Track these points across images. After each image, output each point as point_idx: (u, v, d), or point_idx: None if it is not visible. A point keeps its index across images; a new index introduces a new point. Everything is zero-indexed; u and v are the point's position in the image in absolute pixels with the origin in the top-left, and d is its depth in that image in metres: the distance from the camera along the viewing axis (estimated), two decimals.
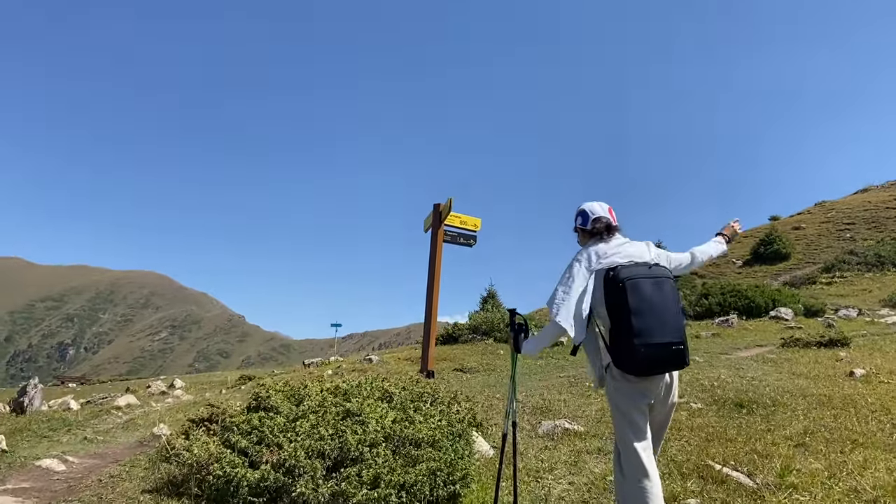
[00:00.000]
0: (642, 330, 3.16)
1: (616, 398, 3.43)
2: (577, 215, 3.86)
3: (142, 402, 13.16)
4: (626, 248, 3.57)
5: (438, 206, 12.59)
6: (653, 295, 3.25)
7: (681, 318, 3.35)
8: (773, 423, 6.53)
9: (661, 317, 3.22)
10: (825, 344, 13.01)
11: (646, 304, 3.21)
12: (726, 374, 9.50)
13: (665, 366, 3.30)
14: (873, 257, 33.66)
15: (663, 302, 3.28)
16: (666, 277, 3.41)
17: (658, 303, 3.25)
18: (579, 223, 3.82)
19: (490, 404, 7.66)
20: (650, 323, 3.18)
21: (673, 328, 3.26)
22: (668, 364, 3.30)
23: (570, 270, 3.51)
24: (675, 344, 3.24)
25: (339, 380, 4.81)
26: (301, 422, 4.04)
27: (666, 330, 3.22)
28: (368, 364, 14.26)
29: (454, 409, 4.75)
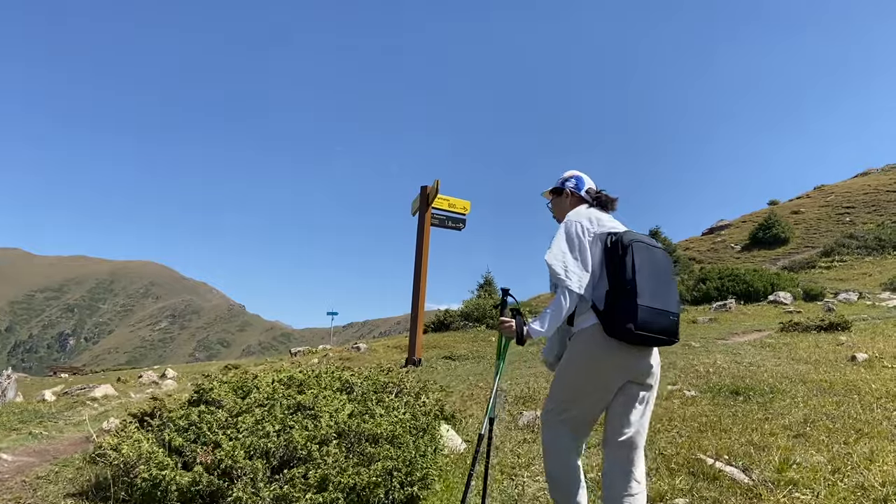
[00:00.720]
0: (645, 290, 2.95)
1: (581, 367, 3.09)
2: (568, 178, 3.58)
3: (120, 394, 12.76)
4: (615, 223, 3.35)
5: (425, 188, 12.15)
6: (653, 261, 3.08)
7: (677, 291, 3.20)
8: (770, 411, 6.12)
9: (662, 284, 3.06)
10: (825, 328, 12.64)
11: (651, 269, 3.04)
12: (723, 360, 9.10)
13: (662, 334, 3.00)
14: (873, 241, 33.29)
15: (665, 270, 3.15)
16: (666, 250, 3.30)
17: (661, 269, 3.11)
18: (571, 186, 3.55)
19: (471, 393, 7.24)
20: (653, 286, 3.00)
21: (672, 298, 3.10)
22: (665, 333, 3.02)
23: (573, 233, 3.19)
24: (672, 314, 3.05)
25: (297, 369, 4.40)
26: (245, 417, 3.62)
27: (667, 298, 3.05)
28: (356, 352, 13.87)
29: (421, 401, 4.33)
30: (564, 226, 3.26)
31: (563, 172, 3.65)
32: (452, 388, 7.85)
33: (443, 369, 10.65)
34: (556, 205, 3.64)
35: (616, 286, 3.02)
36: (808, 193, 52.58)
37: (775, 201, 53.34)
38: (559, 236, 3.22)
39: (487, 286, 32.70)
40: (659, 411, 6.20)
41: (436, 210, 12.38)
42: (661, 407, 6.39)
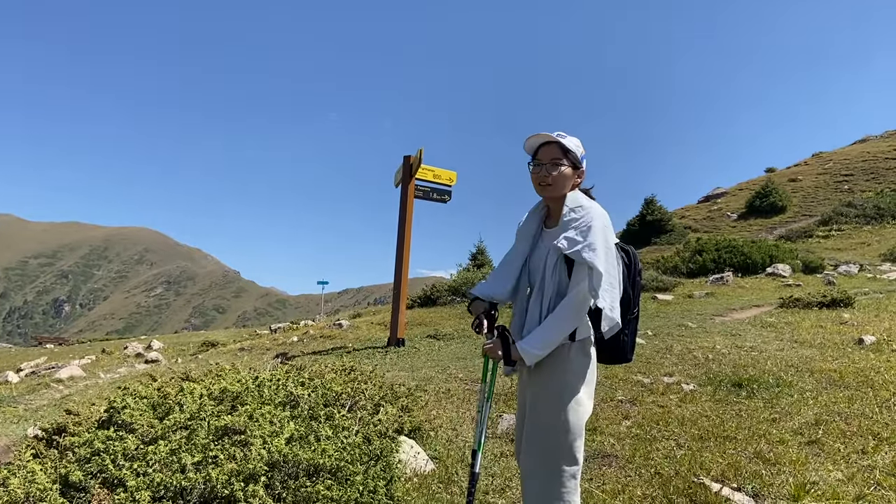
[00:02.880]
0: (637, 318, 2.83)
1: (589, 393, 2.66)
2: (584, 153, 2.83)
3: (88, 374, 12.18)
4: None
5: (409, 158, 11.43)
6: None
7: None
8: (777, 409, 5.54)
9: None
10: (827, 304, 12.10)
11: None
12: (722, 344, 8.51)
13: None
14: (872, 209, 32.71)
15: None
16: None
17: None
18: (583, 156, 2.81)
19: (447, 389, 6.59)
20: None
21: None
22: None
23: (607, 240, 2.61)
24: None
25: (235, 377, 3.76)
26: (159, 445, 3.00)
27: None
28: (338, 330, 13.26)
29: (377, 418, 3.71)
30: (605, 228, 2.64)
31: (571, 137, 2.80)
32: (429, 379, 7.23)
33: (425, 351, 10.05)
34: (564, 176, 2.75)
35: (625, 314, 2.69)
36: (805, 161, 51.92)
37: (772, 169, 52.72)
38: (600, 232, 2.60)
39: (480, 255, 32.13)
40: (655, 410, 5.62)
41: (420, 181, 11.67)
42: (657, 405, 5.81)
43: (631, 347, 2.78)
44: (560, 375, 2.61)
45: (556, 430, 2.58)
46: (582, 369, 2.62)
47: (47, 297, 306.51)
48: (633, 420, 5.30)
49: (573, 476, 2.59)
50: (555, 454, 2.58)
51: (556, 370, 2.62)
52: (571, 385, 2.61)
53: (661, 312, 12.89)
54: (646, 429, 5.04)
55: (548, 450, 2.60)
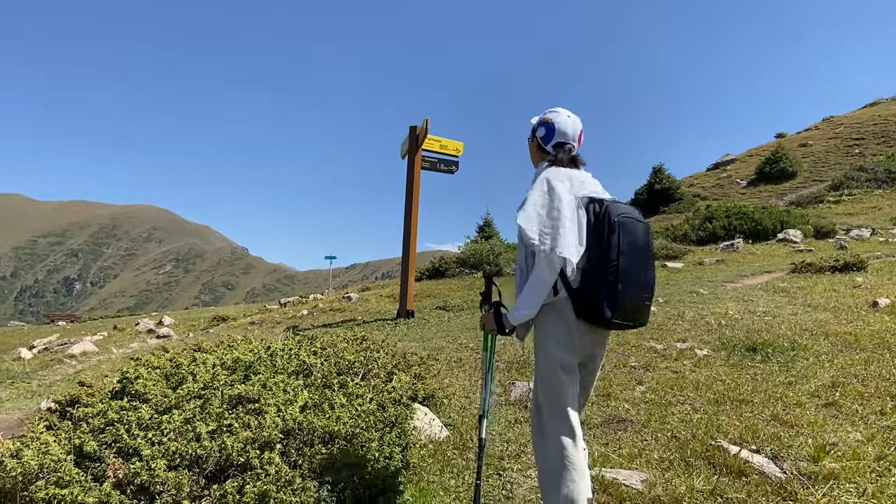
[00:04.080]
0: (626, 275, 2.71)
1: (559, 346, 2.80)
2: (539, 124, 3.10)
3: (100, 349, 12.24)
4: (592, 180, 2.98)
5: (415, 128, 11.31)
6: (640, 239, 2.80)
7: (654, 271, 2.93)
8: (793, 372, 5.49)
9: (642, 264, 2.80)
10: (839, 268, 12.00)
11: (633, 249, 2.76)
12: (735, 309, 8.45)
13: (634, 317, 2.81)
14: (883, 173, 32.36)
15: (646, 249, 2.85)
16: (648, 224, 2.93)
17: (643, 249, 2.81)
18: (540, 135, 3.09)
19: (459, 358, 6.57)
20: (634, 269, 2.75)
21: (650, 281, 2.85)
22: (638, 319, 2.83)
23: (553, 191, 2.80)
24: (647, 299, 2.84)
25: (247, 347, 3.74)
26: (173, 414, 2.97)
27: (644, 280, 2.82)
28: (347, 303, 13.26)
29: (391, 386, 3.68)
30: (546, 181, 2.85)
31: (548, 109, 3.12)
32: (440, 349, 7.21)
33: (435, 322, 10.03)
34: (531, 152, 3.21)
35: (597, 267, 2.73)
36: (816, 125, 51.33)
37: (783, 134, 52.15)
38: (536, 192, 2.84)
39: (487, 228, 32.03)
40: (669, 376, 5.58)
41: (427, 152, 11.56)
42: (671, 371, 5.76)
43: (611, 306, 2.69)
44: (537, 332, 2.88)
45: (537, 377, 2.90)
46: (548, 324, 2.81)
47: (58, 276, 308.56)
48: (647, 385, 5.27)
49: (551, 416, 2.80)
50: (536, 396, 2.90)
51: (535, 329, 2.89)
52: (542, 338, 2.84)
53: (671, 280, 12.83)
54: (660, 394, 5.01)
55: (534, 392, 2.94)
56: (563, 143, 3.03)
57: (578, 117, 3.10)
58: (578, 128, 3.07)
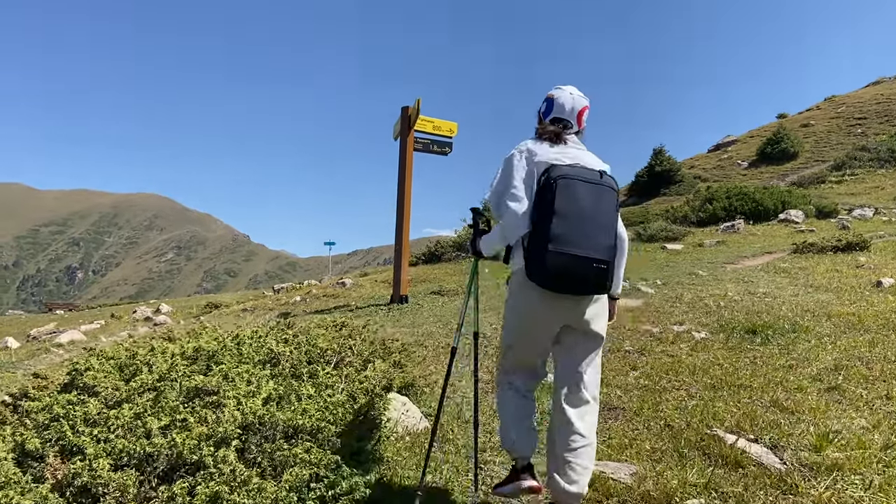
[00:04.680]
0: (560, 236, 2.68)
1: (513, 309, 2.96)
2: (544, 100, 3.14)
3: (89, 338, 12.03)
4: (574, 152, 2.95)
5: (407, 109, 11.03)
6: (585, 201, 2.75)
7: (612, 235, 2.81)
8: (794, 355, 5.26)
9: (587, 227, 2.73)
10: (842, 248, 11.77)
11: (574, 209, 2.72)
12: (734, 291, 8.22)
13: (579, 283, 2.75)
14: (886, 152, 31.97)
15: (596, 211, 2.77)
16: (610, 188, 2.85)
17: (589, 211, 2.75)
18: (541, 110, 3.15)
19: (447, 344, 6.31)
20: (573, 230, 2.70)
21: (600, 243, 2.75)
22: (584, 282, 2.74)
23: (506, 162, 2.96)
24: (596, 261, 2.73)
25: (212, 335, 3.51)
26: (123, 409, 2.75)
27: (590, 243, 2.72)
28: (341, 289, 13.04)
29: (364, 375, 3.44)
30: (506, 156, 3.00)
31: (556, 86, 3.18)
32: (429, 334, 6.97)
33: (428, 307, 9.80)
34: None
35: (535, 229, 2.77)
36: (818, 105, 50.79)
37: (784, 114, 51.63)
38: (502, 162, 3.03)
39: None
40: (665, 360, 5.34)
41: (419, 133, 11.27)
42: (667, 355, 5.53)
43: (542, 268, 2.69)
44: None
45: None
46: (509, 297, 2.98)
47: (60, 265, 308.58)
48: (640, 371, 5.03)
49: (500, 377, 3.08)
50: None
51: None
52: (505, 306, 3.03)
53: (670, 262, 12.59)
54: (654, 379, 4.77)
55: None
56: (559, 118, 3.05)
57: (585, 96, 3.11)
58: (579, 105, 3.07)
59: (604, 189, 2.81)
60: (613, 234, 2.81)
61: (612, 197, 2.85)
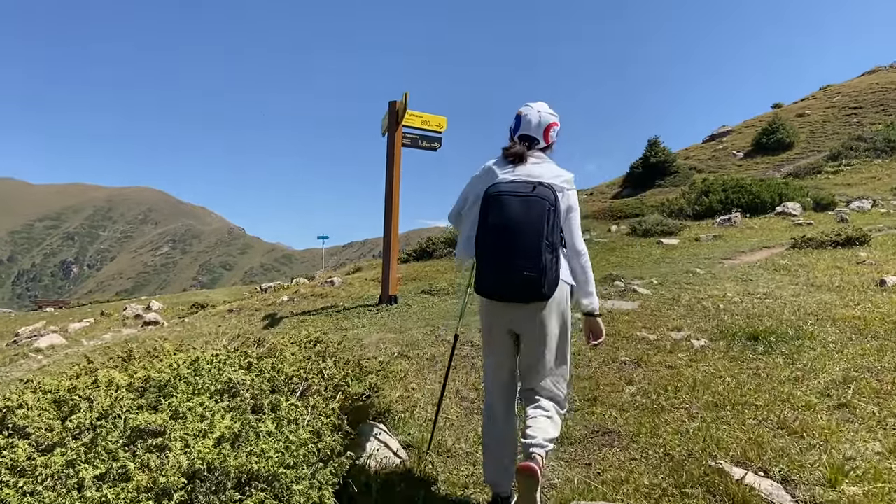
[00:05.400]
0: (489, 248, 2.91)
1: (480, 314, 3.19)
2: (515, 116, 3.26)
3: (70, 342, 11.70)
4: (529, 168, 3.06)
5: (394, 103, 10.67)
6: (513, 213, 2.88)
7: (539, 243, 2.85)
8: (799, 366, 4.97)
9: (515, 238, 2.86)
10: (842, 243, 11.48)
11: (501, 222, 2.89)
12: (734, 291, 7.92)
13: (510, 291, 2.91)
14: (882, 142, 31.68)
15: (524, 223, 2.87)
16: (540, 198, 2.90)
17: (517, 223, 2.87)
18: (511, 127, 3.28)
19: (433, 355, 5.95)
20: (500, 242, 2.88)
21: (528, 253, 2.84)
22: (513, 290, 2.90)
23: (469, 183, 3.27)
24: (518, 273, 2.85)
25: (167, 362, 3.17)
26: (54, 454, 2.43)
27: (518, 253, 2.85)
28: (329, 288, 12.70)
29: (333, 405, 3.09)
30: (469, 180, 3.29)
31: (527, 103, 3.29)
32: (414, 343, 6.61)
33: (417, 308, 9.49)
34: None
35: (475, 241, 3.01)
36: (813, 94, 50.51)
37: (779, 104, 51.34)
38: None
39: None
40: (663, 373, 5.04)
41: (407, 128, 10.93)
42: (665, 366, 5.23)
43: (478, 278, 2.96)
44: None
45: None
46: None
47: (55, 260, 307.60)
48: (637, 386, 4.71)
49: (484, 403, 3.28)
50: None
51: None
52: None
53: (666, 258, 12.29)
54: (652, 397, 4.46)
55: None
56: (526, 134, 3.15)
57: (554, 113, 3.20)
58: (546, 122, 3.15)
59: (533, 201, 2.87)
60: (540, 240, 2.84)
61: (542, 208, 2.87)
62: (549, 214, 2.86)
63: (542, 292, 2.84)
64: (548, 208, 2.87)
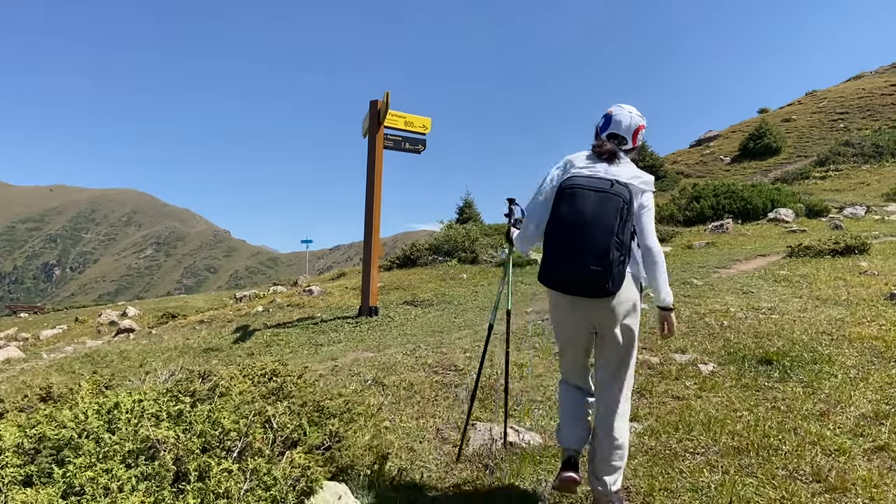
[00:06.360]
0: (560, 240, 2.89)
1: (551, 309, 3.24)
2: (602, 115, 3.30)
3: (29, 354, 11.00)
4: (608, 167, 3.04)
5: (375, 103, 10.10)
6: (587, 208, 2.85)
7: (608, 239, 2.81)
8: (821, 396, 4.43)
9: (587, 231, 2.82)
10: (840, 252, 11.04)
11: (573, 214, 2.87)
12: (736, 305, 7.39)
13: (577, 285, 2.88)
14: (870, 148, 31.53)
15: (595, 215, 2.84)
16: (616, 195, 2.87)
17: (590, 217, 2.84)
18: (599, 125, 3.29)
19: (411, 383, 5.24)
20: (570, 236, 2.85)
21: (593, 247, 2.81)
22: (580, 284, 2.86)
23: (547, 176, 3.22)
24: (585, 267, 2.81)
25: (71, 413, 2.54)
26: None
27: (587, 247, 2.81)
28: (307, 297, 12.07)
29: (282, 466, 2.48)
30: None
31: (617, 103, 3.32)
32: (392, 366, 5.95)
33: (399, 322, 8.90)
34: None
35: (545, 234, 3.04)
36: (799, 100, 50.52)
37: (765, 109, 51.33)
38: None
39: (467, 209, 30.87)
40: (671, 405, 4.46)
41: (390, 130, 10.37)
42: (672, 396, 4.66)
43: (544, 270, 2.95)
44: None
45: None
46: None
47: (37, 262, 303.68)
48: (644, 424, 4.11)
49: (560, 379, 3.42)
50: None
51: None
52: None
53: None
54: (662, 438, 3.86)
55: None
56: (616, 133, 3.17)
57: (643, 116, 3.23)
58: (636, 124, 3.18)
59: (608, 196, 2.85)
60: (609, 237, 2.80)
61: (616, 205, 2.84)
62: (622, 212, 2.84)
63: (606, 288, 2.80)
64: (621, 206, 2.84)
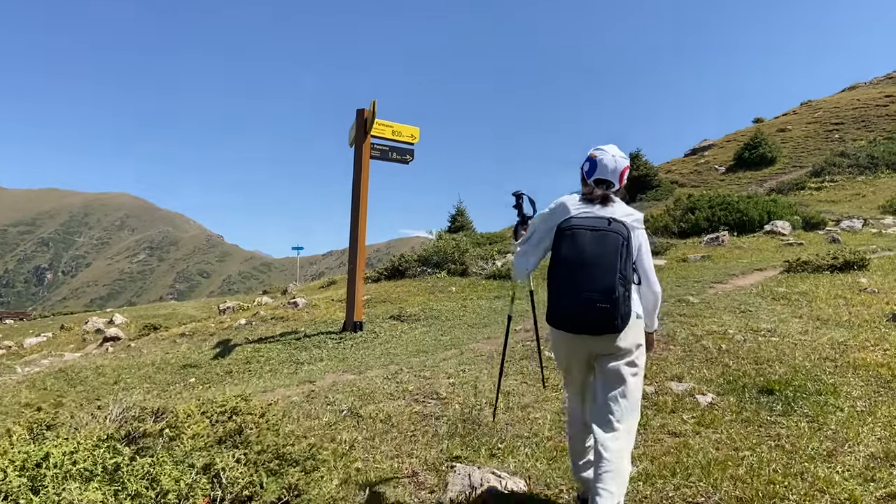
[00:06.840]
0: (564, 279, 2.93)
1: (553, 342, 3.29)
2: (586, 159, 3.30)
3: (3, 368, 10.62)
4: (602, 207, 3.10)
5: (362, 111, 9.80)
6: (588, 247, 2.93)
7: (612, 276, 2.86)
8: (828, 433, 4.14)
9: (589, 271, 2.88)
10: (839, 267, 10.80)
11: (575, 254, 2.93)
12: (734, 326, 7.10)
13: (585, 325, 2.92)
14: (865, 159, 31.42)
15: (597, 254, 2.90)
16: (614, 233, 2.94)
17: (591, 256, 2.90)
18: (584, 169, 3.29)
19: (388, 413, 4.87)
20: (574, 276, 2.91)
21: (604, 286, 2.85)
22: (588, 323, 2.90)
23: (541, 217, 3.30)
24: (600, 302, 2.84)
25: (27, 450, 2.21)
26: None
27: (593, 286, 2.87)
28: (292, 310, 11.74)
29: None
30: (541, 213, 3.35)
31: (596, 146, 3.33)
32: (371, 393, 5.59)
33: (384, 338, 8.58)
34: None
35: (548, 275, 3.03)
36: (794, 110, 50.54)
37: (760, 119, 51.32)
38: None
39: (460, 217, 30.56)
40: (667, 444, 4.14)
41: (377, 139, 10.07)
42: (668, 432, 4.34)
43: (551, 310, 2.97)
44: None
45: None
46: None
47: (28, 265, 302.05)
48: (638, 466, 3.79)
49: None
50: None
51: None
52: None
53: None
54: (658, 484, 3.52)
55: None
56: (603, 178, 3.18)
57: (626, 157, 3.25)
58: (622, 166, 3.20)
59: (606, 234, 2.92)
60: (614, 274, 2.84)
61: (616, 242, 2.90)
62: (622, 249, 2.90)
63: (614, 324, 2.85)
64: (621, 243, 2.91)
